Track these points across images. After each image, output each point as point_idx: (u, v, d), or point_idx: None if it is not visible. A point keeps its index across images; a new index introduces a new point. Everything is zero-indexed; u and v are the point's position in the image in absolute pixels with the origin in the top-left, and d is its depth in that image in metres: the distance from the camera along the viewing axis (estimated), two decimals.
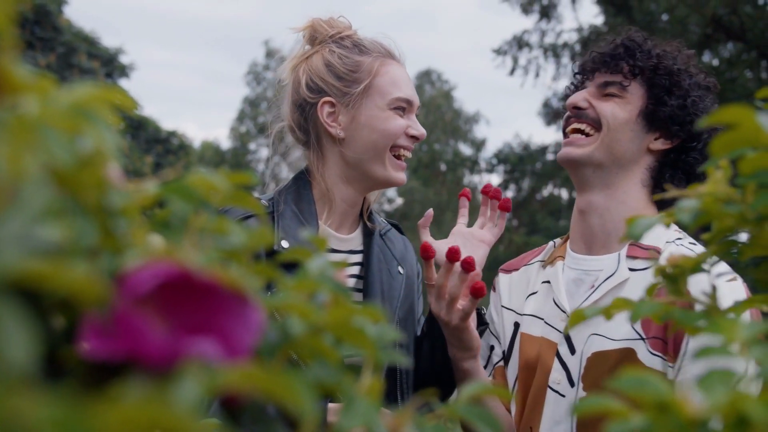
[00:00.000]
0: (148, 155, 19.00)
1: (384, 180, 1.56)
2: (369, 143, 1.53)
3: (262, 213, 0.52)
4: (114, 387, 0.31)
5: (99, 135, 0.36)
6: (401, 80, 1.56)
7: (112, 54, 19.40)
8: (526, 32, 15.22)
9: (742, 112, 0.52)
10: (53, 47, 17.54)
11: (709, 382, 0.44)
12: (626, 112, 1.47)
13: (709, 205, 0.62)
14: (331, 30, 1.59)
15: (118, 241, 0.37)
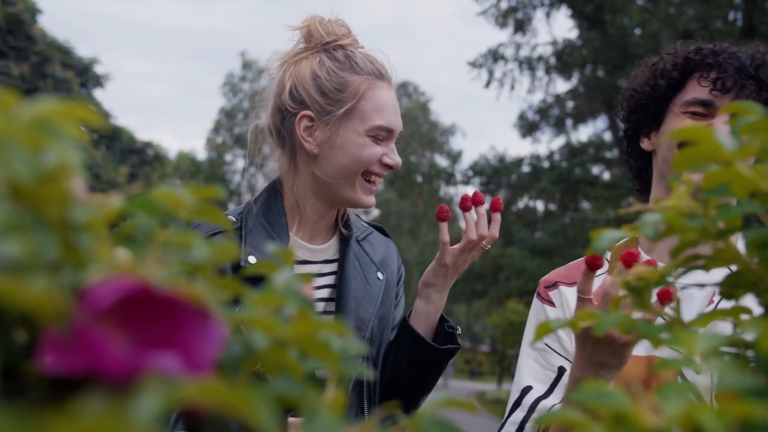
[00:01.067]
0: (123, 166, 18.89)
1: (352, 202, 1.56)
2: (341, 166, 1.52)
3: (229, 228, 0.52)
4: (74, 402, 0.31)
5: (62, 150, 0.36)
6: (386, 106, 1.53)
7: (86, 64, 19.28)
8: (502, 45, 15.34)
9: (701, 129, 0.53)
10: (27, 57, 17.39)
11: (666, 393, 0.45)
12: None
13: (672, 219, 0.63)
14: (327, 36, 1.56)
15: (80, 255, 0.37)
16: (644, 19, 12.66)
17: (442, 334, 1.59)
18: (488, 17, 14.91)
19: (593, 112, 17.42)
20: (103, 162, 17.90)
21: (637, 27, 13.09)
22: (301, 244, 1.56)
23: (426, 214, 25.06)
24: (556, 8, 14.38)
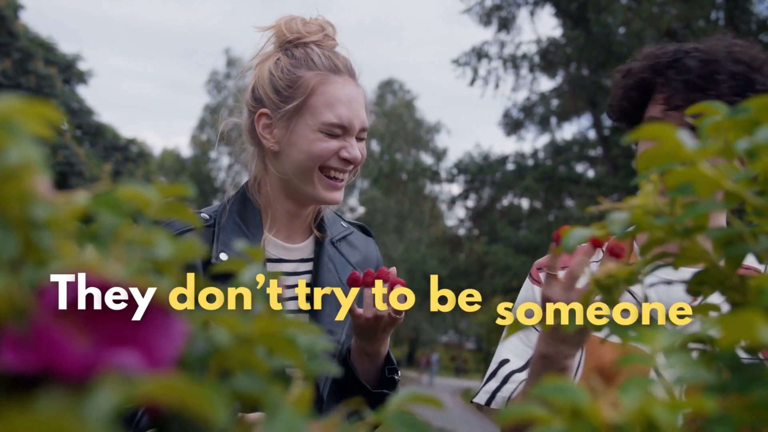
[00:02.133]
0: (106, 163, 18.76)
1: (314, 199, 1.55)
2: (297, 162, 1.52)
3: (198, 225, 0.52)
4: (31, 399, 0.31)
5: (21, 148, 0.37)
6: (338, 101, 1.51)
7: (69, 60, 19.15)
8: (486, 43, 15.37)
9: (663, 128, 0.54)
10: (9, 53, 17.25)
11: (626, 387, 0.46)
12: None
13: (639, 217, 0.64)
14: (289, 35, 1.56)
15: (42, 253, 0.37)
16: (628, 18, 12.73)
17: (384, 378, 1.54)
18: (472, 15, 14.94)
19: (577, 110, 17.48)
20: (87, 159, 17.79)
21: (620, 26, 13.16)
22: (276, 243, 1.56)
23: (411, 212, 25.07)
24: (540, 6, 14.42)
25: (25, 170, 0.38)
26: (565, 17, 13.97)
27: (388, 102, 30.68)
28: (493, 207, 17.96)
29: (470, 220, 19.07)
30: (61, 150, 17.21)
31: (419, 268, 25.95)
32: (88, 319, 0.34)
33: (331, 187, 1.54)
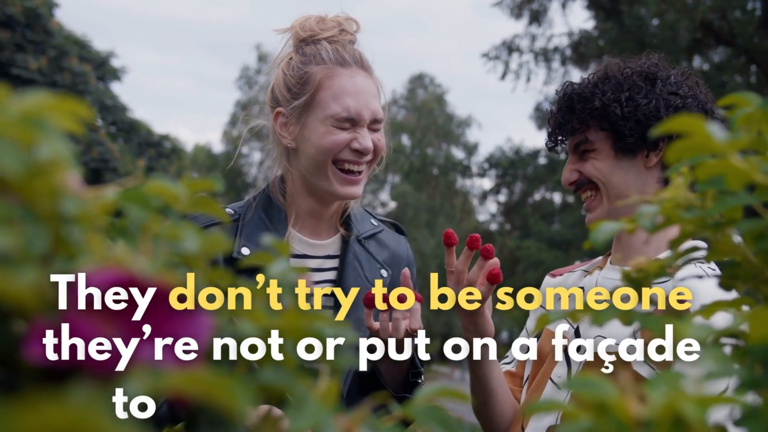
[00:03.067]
0: (140, 159, 18.96)
1: (330, 194, 1.55)
2: (310, 157, 1.52)
3: (225, 218, 0.53)
4: (60, 391, 0.32)
5: (52, 144, 0.37)
6: (345, 93, 1.52)
7: (103, 57, 19.37)
8: (517, 37, 15.26)
9: (693, 121, 0.53)
10: (44, 50, 17.49)
11: (656, 383, 0.45)
12: (606, 160, 1.52)
13: (669, 210, 0.63)
14: (304, 33, 1.58)
15: (72, 247, 0.38)
16: (661, 10, 12.54)
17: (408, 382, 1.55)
18: (503, 8, 14.84)
19: None
20: (121, 155, 17.99)
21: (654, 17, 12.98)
22: (300, 239, 1.57)
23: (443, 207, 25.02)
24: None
25: (55, 166, 0.38)
26: (597, 9, 13.82)
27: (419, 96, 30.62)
28: (525, 201, 17.85)
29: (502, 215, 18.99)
30: (95, 146, 17.42)
31: None
32: (116, 314, 0.35)
33: (346, 182, 1.53)
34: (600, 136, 1.51)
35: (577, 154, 1.57)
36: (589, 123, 1.52)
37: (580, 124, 1.53)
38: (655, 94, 1.48)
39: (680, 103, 1.48)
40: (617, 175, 1.51)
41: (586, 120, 1.52)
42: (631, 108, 1.48)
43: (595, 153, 1.52)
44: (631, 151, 1.50)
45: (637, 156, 1.50)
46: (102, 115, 19.06)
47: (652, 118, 1.47)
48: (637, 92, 1.49)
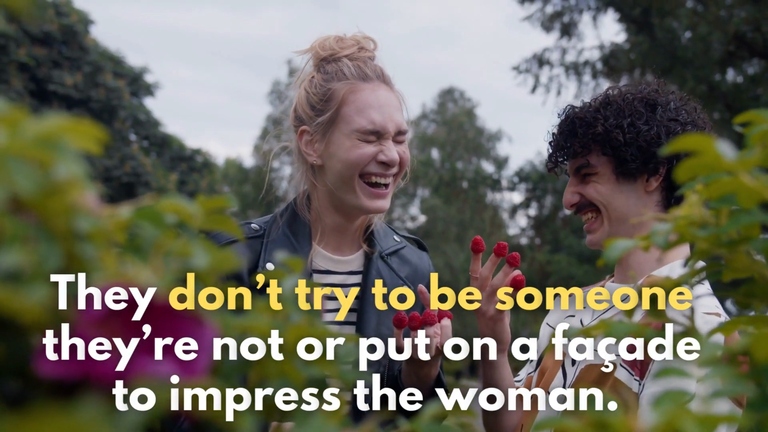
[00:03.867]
0: (172, 173, 19.17)
1: (358, 208, 1.56)
2: (337, 172, 1.54)
3: (240, 236, 0.54)
4: (69, 404, 0.33)
5: (67, 165, 0.38)
6: (368, 106, 1.54)
7: (137, 73, 19.65)
8: (547, 50, 15.22)
9: (702, 139, 0.53)
10: (80, 66, 17.80)
11: (662, 401, 0.46)
12: (607, 183, 1.55)
13: (682, 228, 0.63)
14: (323, 53, 1.60)
15: (85, 264, 0.39)
16: (693, 22, 12.44)
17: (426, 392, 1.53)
18: (533, 22, 14.82)
19: None
20: (153, 169, 18.21)
21: (686, 30, 12.88)
22: (324, 255, 1.58)
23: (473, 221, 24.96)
24: (602, 12, 14.21)
25: (70, 185, 0.40)
26: (628, 22, 13.75)
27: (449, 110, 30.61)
28: (555, 216, 17.74)
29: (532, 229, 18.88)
30: (128, 160, 17.66)
31: None
32: (126, 328, 0.36)
33: (373, 195, 1.55)
34: (602, 160, 1.55)
35: (578, 176, 1.60)
36: (591, 147, 1.55)
37: (582, 148, 1.56)
38: (656, 120, 1.52)
39: (680, 129, 1.52)
40: (618, 199, 1.55)
41: (588, 144, 1.55)
42: (633, 134, 1.51)
43: (597, 177, 1.56)
44: (632, 176, 1.54)
45: (637, 180, 1.54)
46: (135, 129, 19.33)
47: (654, 144, 1.50)
48: (638, 118, 1.52)
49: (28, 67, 16.76)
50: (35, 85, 17.03)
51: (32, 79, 16.98)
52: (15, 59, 16.37)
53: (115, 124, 18.12)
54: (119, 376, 0.33)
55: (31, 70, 16.87)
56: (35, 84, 17.03)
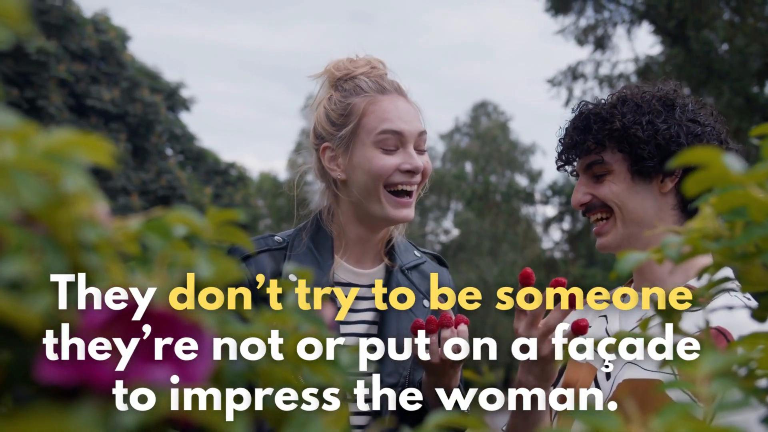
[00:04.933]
0: (207, 186, 19.38)
1: (383, 218, 1.58)
2: (362, 184, 1.56)
3: (250, 249, 0.55)
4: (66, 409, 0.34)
5: (75, 178, 0.40)
6: (390, 113, 1.57)
7: (173, 88, 19.93)
8: (581, 63, 15.15)
9: (709, 153, 0.53)
10: (117, 82, 18.11)
11: (664, 412, 0.45)
12: (621, 183, 1.50)
13: (695, 241, 0.62)
14: (339, 73, 1.64)
15: (90, 273, 0.40)
16: (730, 35, 12.30)
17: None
18: (567, 35, 14.77)
19: None
20: (188, 183, 18.43)
21: (722, 42, 12.74)
22: (346, 267, 1.61)
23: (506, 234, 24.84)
24: (636, 25, 14.11)
25: (77, 198, 0.41)
26: (663, 35, 13.64)
27: (482, 124, 30.56)
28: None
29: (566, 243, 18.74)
30: (164, 174, 17.90)
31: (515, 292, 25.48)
32: (124, 336, 0.37)
33: (399, 205, 1.57)
34: (616, 158, 1.50)
35: (588, 175, 1.55)
36: (606, 144, 1.50)
37: (596, 145, 1.51)
38: (675, 119, 1.47)
39: (700, 130, 1.47)
40: (634, 200, 1.49)
41: (603, 141, 1.50)
42: (651, 132, 1.46)
43: (612, 176, 1.51)
44: (648, 176, 1.48)
45: (653, 181, 1.48)
46: (171, 144, 19.59)
47: (672, 143, 1.45)
48: (656, 116, 1.47)
49: (67, 83, 17.09)
50: (74, 100, 17.35)
51: (71, 95, 17.31)
52: (55, 75, 16.71)
53: (152, 138, 18.39)
54: (118, 381, 0.34)
55: (70, 85, 17.20)
56: (74, 99, 17.35)
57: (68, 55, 17.41)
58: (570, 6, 14.61)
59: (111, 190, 16.81)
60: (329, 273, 1.57)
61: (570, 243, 18.54)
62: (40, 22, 17.06)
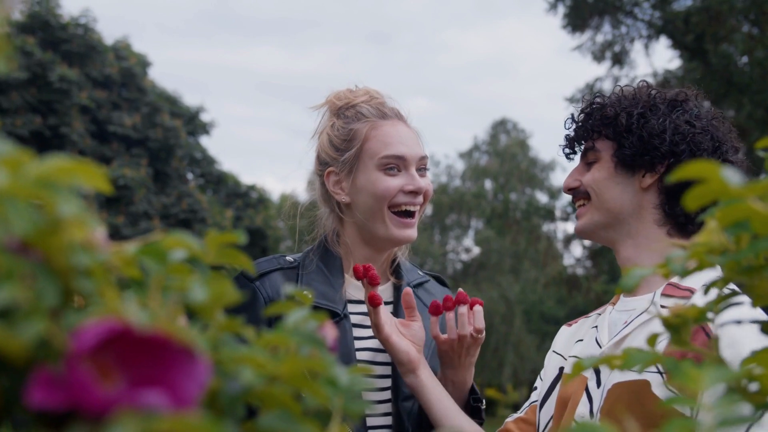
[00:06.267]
0: (228, 209, 19.48)
1: (388, 239, 1.63)
2: (367, 206, 1.61)
3: (251, 271, 0.55)
4: None
5: (68, 205, 0.40)
6: (392, 138, 1.63)
7: (193, 112, 20.11)
8: (599, 79, 15.11)
9: (707, 167, 0.53)
10: (138, 107, 18.31)
11: (668, 428, 0.45)
12: (603, 171, 1.53)
13: (700, 255, 0.62)
14: (339, 102, 1.70)
15: (84, 299, 0.41)
16: (749, 47, 12.23)
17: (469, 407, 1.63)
18: (584, 52, 14.75)
19: None
20: (209, 206, 18.54)
21: (742, 55, 12.67)
22: (356, 285, 1.64)
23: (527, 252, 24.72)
24: (654, 39, 14.08)
25: (71, 224, 0.41)
26: (681, 49, 13.59)
27: (502, 141, 30.52)
28: None
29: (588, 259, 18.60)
30: (185, 198, 18.02)
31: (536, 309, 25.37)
32: (116, 361, 0.37)
33: (403, 225, 1.61)
34: (606, 145, 1.53)
35: (583, 162, 1.59)
36: (601, 131, 1.53)
37: (592, 131, 1.55)
38: (670, 118, 1.48)
39: (689, 131, 1.47)
40: (612, 190, 1.51)
41: (597, 127, 1.54)
42: (639, 123, 1.48)
43: (598, 164, 1.54)
44: (630, 168, 1.50)
45: (635, 174, 1.50)
46: (191, 167, 19.74)
47: (655, 138, 1.46)
48: (653, 112, 1.49)
49: (89, 110, 17.31)
50: (96, 126, 17.56)
51: (93, 121, 17.52)
52: (77, 102, 16.93)
53: (173, 162, 18.54)
54: (107, 407, 0.34)
55: (91, 112, 17.41)
56: (96, 126, 17.56)
57: (90, 82, 17.64)
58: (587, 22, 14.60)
59: (133, 214, 16.96)
60: (341, 291, 1.60)
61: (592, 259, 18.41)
62: (62, 50, 17.32)
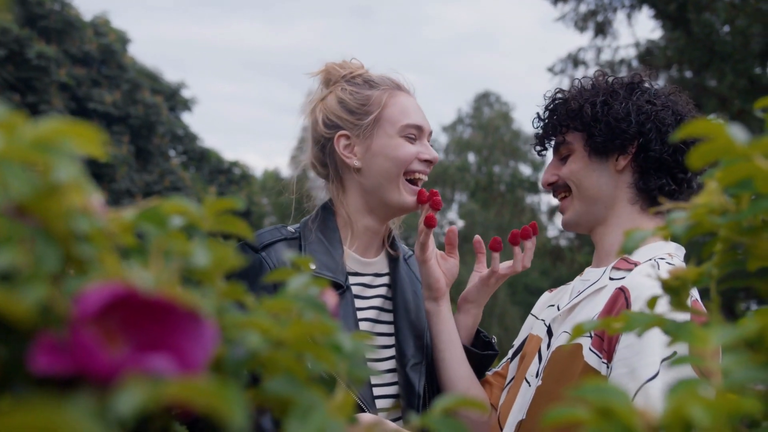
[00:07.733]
0: (211, 186, 19.38)
1: (398, 205, 1.64)
2: (383, 170, 1.62)
3: (250, 238, 0.54)
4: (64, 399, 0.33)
5: (66, 168, 0.39)
6: (410, 108, 1.66)
7: (174, 89, 19.92)
8: (582, 50, 15.09)
9: (712, 125, 0.52)
10: (119, 84, 18.10)
11: (675, 390, 0.45)
12: (579, 161, 1.59)
13: (700, 216, 0.61)
14: (343, 71, 1.70)
15: (84, 264, 0.40)
16: (732, 16, 12.23)
17: (479, 343, 1.72)
18: (567, 22, 14.68)
19: None
20: (192, 183, 18.44)
21: (724, 24, 12.67)
22: (354, 257, 1.65)
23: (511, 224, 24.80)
24: (637, 9, 14.04)
25: (69, 188, 0.40)
26: (663, 18, 13.57)
27: (485, 114, 30.46)
28: None
29: None
30: (168, 175, 17.91)
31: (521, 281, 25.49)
32: (122, 326, 0.36)
33: (413, 192, 1.65)
34: (576, 137, 1.59)
35: (557, 156, 1.64)
36: (569, 124, 1.59)
37: (560, 126, 1.61)
38: (630, 100, 1.55)
39: (652, 110, 1.54)
40: (590, 178, 1.58)
41: (565, 121, 1.60)
42: (603, 111, 1.54)
43: (572, 157, 1.60)
44: (603, 154, 1.56)
45: (608, 159, 1.57)
46: (173, 144, 19.59)
47: (622, 121, 1.53)
48: (614, 98, 1.56)
49: (68, 87, 17.08)
50: (76, 103, 17.35)
51: (73, 98, 17.30)
52: (56, 79, 16.70)
53: (154, 139, 18.39)
54: (114, 372, 0.34)
55: (71, 89, 17.19)
56: (76, 103, 17.35)
57: (69, 59, 17.41)
58: None
59: (115, 192, 16.83)
60: (341, 262, 1.60)
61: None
62: (40, 26, 17.06)
